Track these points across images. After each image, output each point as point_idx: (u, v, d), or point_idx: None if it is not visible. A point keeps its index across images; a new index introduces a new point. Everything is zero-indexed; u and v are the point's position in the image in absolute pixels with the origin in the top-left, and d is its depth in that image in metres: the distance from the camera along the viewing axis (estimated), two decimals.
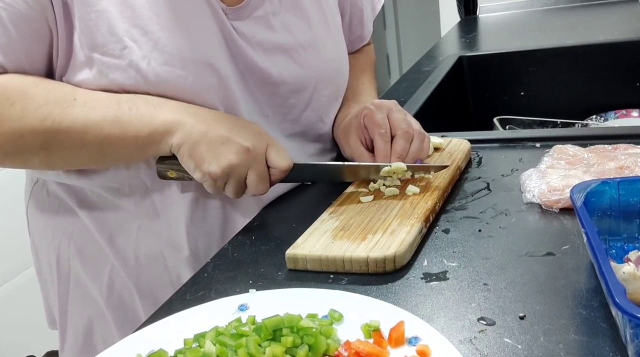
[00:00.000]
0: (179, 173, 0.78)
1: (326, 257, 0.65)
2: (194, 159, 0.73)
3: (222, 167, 0.73)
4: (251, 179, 0.75)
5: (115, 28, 0.72)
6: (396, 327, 0.52)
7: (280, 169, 0.76)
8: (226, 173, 0.73)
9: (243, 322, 0.56)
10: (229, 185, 0.75)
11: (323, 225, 0.72)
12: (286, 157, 0.76)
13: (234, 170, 0.73)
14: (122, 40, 0.72)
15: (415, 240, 0.67)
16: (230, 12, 0.79)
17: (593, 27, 1.66)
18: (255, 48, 0.81)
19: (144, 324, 0.61)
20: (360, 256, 0.64)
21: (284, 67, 0.84)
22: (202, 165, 0.73)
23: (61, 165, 0.80)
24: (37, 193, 0.91)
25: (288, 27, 0.84)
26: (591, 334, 0.49)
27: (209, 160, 0.73)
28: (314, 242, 0.68)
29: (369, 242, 0.66)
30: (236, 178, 0.74)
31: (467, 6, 2.07)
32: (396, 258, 0.64)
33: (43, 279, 0.95)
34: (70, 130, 0.72)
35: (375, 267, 0.64)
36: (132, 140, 0.74)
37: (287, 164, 0.76)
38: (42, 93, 0.72)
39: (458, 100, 1.51)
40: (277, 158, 0.76)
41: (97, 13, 0.72)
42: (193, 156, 0.73)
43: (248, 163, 0.74)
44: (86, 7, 0.71)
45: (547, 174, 0.75)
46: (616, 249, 0.60)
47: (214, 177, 0.73)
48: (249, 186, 0.76)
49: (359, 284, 0.63)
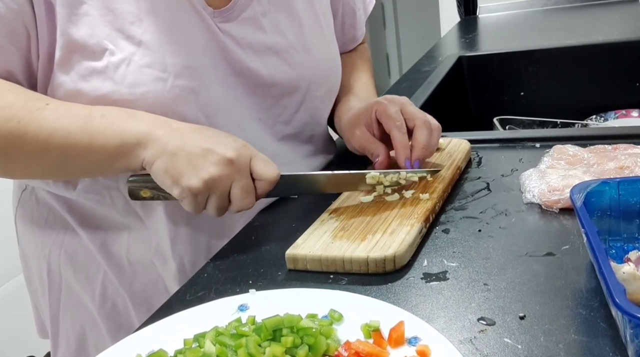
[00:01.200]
0: (153, 192, 0.71)
1: (326, 257, 0.65)
2: (170, 173, 0.68)
3: (204, 180, 0.67)
4: (235, 192, 0.69)
5: (96, 31, 0.71)
6: (396, 327, 0.52)
7: (267, 180, 0.71)
8: (208, 187, 0.68)
9: (243, 322, 0.56)
10: (212, 201, 0.70)
11: (323, 225, 0.72)
12: (273, 168, 0.72)
13: (216, 183, 0.68)
14: (102, 43, 0.71)
15: (415, 240, 0.67)
16: (217, 14, 0.78)
17: (593, 27, 1.66)
18: (245, 50, 0.80)
19: (143, 324, 0.61)
20: (360, 256, 0.64)
21: (275, 69, 0.83)
22: (180, 180, 0.67)
23: (21, 174, 0.77)
24: (26, 201, 0.89)
25: (279, 28, 0.83)
26: (591, 334, 0.49)
27: (189, 174, 0.67)
28: (314, 242, 0.68)
29: (368, 242, 0.66)
30: (219, 192, 0.69)
31: (467, 6, 2.07)
32: (396, 258, 0.64)
33: (33, 288, 0.94)
34: (35, 134, 0.68)
35: (375, 268, 0.64)
36: (100, 150, 0.69)
37: (274, 175, 0.71)
38: (12, 95, 0.69)
39: (458, 100, 1.51)
40: (263, 169, 0.71)
41: (79, 16, 0.71)
42: (169, 171, 0.68)
43: (232, 176, 0.69)
44: (68, 9, 0.70)
45: (547, 174, 0.75)
46: (616, 249, 0.60)
47: (195, 192, 0.68)
48: (234, 200, 0.70)
49: (358, 284, 0.63)
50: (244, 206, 0.71)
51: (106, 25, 0.71)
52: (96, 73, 0.71)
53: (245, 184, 0.70)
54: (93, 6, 0.71)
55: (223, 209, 0.71)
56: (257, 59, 0.81)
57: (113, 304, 0.87)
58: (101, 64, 0.71)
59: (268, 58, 0.82)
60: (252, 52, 0.81)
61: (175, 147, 0.68)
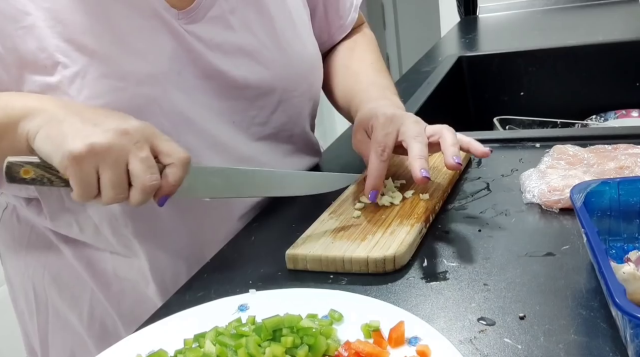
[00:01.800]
0: (35, 170, 0.60)
1: (326, 257, 0.65)
2: (52, 138, 0.59)
3: (89, 144, 0.57)
4: (134, 166, 0.59)
5: (45, 44, 0.67)
6: (396, 327, 0.52)
7: (177, 160, 0.61)
8: (94, 153, 0.57)
9: (243, 322, 0.56)
10: (103, 175, 0.59)
11: (323, 225, 0.72)
12: (182, 149, 0.63)
13: (106, 152, 0.58)
14: (53, 56, 0.67)
15: (415, 240, 0.67)
16: (183, 16, 0.74)
17: (593, 27, 1.66)
18: (214, 51, 0.76)
19: (143, 325, 0.61)
20: (360, 256, 0.64)
21: (247, 69, 0.79)
22: (62, 144, 0.58)
23: None
24: (7, 220, 0.87)
25: (249, 26, 0.79)
26: (591, 335, 0.49)
27: (73, 137, 0.58)
28: (314, 242, 0.68)
29: (368, 242, 0.66)
30: (110, 163, 0.58)
31: (467, 6, 2.07)
32: (396, 258, 0.64)
33: (20, 310, 0.91)
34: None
35: (375, 268, 0.64)
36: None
37: (183, 155, 0.62)
38: None
39: (458, 100, 1.51)
40: (170, 147, 0.62)
41: (25, 29, 0.67)
42: (51, 136, 0.59)
43: (126, 147, 0.59)
44: (13, 23, 0.66)
45: (547, 174, 0.75)
46: (616, 249, 0.60)
47: (77, 157, 0.57)
48: (135, 176, 0.59)
49: (358, 284, 0.63)
50: (148, 185, 0.60)
51: (55, 36, 0.67)
52: (51, 89, 0.68)
53: (145, 157, 0.60)
54: (39, 17, 0.67)
55: (122, 189, 0.60)
56: (228, 60, 0.78)
57: (102, 324, 0.85)
58: (55, 79, 0.68)
59: (239, 59, 0.79)
60: (222, 53, 0.77)
61: (64, 114, 0.61)
